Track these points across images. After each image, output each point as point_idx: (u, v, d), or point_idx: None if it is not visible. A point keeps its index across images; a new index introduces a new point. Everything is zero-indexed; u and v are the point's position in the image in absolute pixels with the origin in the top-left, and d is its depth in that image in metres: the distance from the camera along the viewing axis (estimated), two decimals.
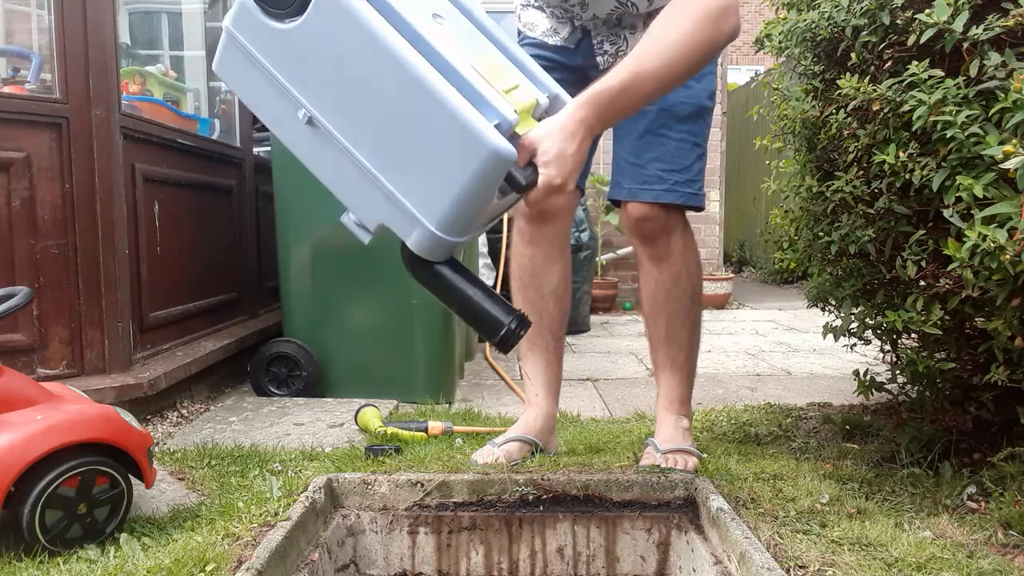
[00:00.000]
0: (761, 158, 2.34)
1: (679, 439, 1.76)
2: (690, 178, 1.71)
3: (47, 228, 1.97)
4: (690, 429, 1.82)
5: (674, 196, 1.69)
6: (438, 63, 1.12)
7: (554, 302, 1.84)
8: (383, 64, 1.10)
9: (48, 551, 1.27)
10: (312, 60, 1.14)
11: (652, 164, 1.70)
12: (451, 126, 1.10)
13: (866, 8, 1.56)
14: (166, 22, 3.73)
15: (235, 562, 1.22)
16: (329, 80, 1.15)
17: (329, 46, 1.12)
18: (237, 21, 1.16)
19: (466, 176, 1.12)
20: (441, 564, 1.63)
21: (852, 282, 1.72)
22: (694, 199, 1.72)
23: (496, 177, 1.15)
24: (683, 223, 1.74)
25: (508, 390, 2.63)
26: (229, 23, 1.17)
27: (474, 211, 1.19)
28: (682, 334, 1.79)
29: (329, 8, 1.10)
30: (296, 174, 2.37)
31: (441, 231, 1.17)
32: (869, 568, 1.21)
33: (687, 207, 1.72)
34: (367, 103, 1.14)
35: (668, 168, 1.70)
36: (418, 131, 1.13)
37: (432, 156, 1.14)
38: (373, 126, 1.15)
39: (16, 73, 2.33)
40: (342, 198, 1.23)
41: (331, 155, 1.18)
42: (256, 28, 1.15)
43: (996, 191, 1.28)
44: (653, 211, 1.69)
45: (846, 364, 3.06)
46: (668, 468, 1.64)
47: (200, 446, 1.91)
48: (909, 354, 1.62)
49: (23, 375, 1.40)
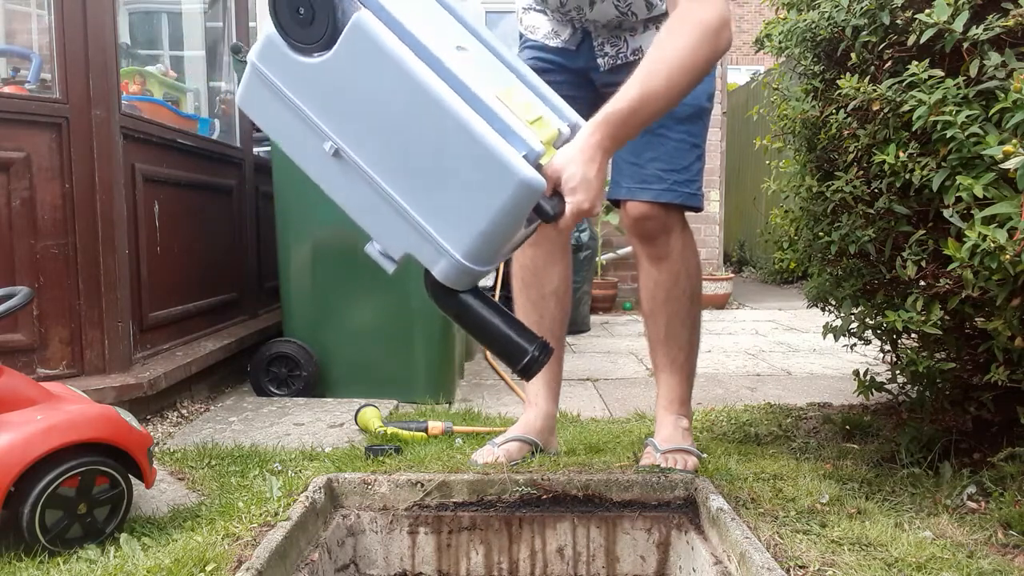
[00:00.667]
0: (761, 158, 2.34)
1: (679, 439, 1.76)
2: (689, 178, 1.71)
3: (47, 228, 1.97)
4: (690, 429, 1.83)
5: (673, 196, 1.69)
6: (465, 95, 1.12)
7: (555, 302, 1.84)
8: (412, 96, 1.11)
9: (48, 551, 1.27)
10: (340, 93, 1.15)
11: (651, 164, 1.70)
12: (481, 157, 1.11)
13: (866, 8, 1.56)
14: (166, 22, 3.74)
15: (235, 562, 1.22)
16: (357, 113, 1.15)
17: (357, 80, 1.13)
18: (263, 55, 1.17)
19: (497, 206, 1.13)
20: (441, 564, 1.63)
21: (852, 282, 1.72)
22: (693, 199, 1.72)
23: (526, 207, 1.16)
24: (682, 223, 1.75)
25: (508, 390, 2.63)
26: (255, 57, 1.18)
27: (502, 241, 1.20)
28: (681, 334, 1.79)
29: (358, 42, 1.11)
30: (296, 174, 2.37)
31: (468, 260, 1.17)
32: (869, 568, 1.21)
33: (686, 207, 1.72)
34: (396, 135, 1.15)
35: (667, 168, 1.70)
36: (447, 162, 1.14)
37: (461, 187, 1.14)
38: (402, 157, 1.16)
39: (16, 73, 2.33)
40: (367, 228, 1.24)
41: (357, 186, 1.19)
42: (282, 62, 1.16)
43: (996, 191, 1.28)
44: (652, 210, 1.70)
45: (846, 364, 3.06)
46: (668, 468, 1.64)
47: (200, 446, 1.91)
48: (909, 354, 1.62)
49: (23, 375, 1.40)
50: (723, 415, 2.20)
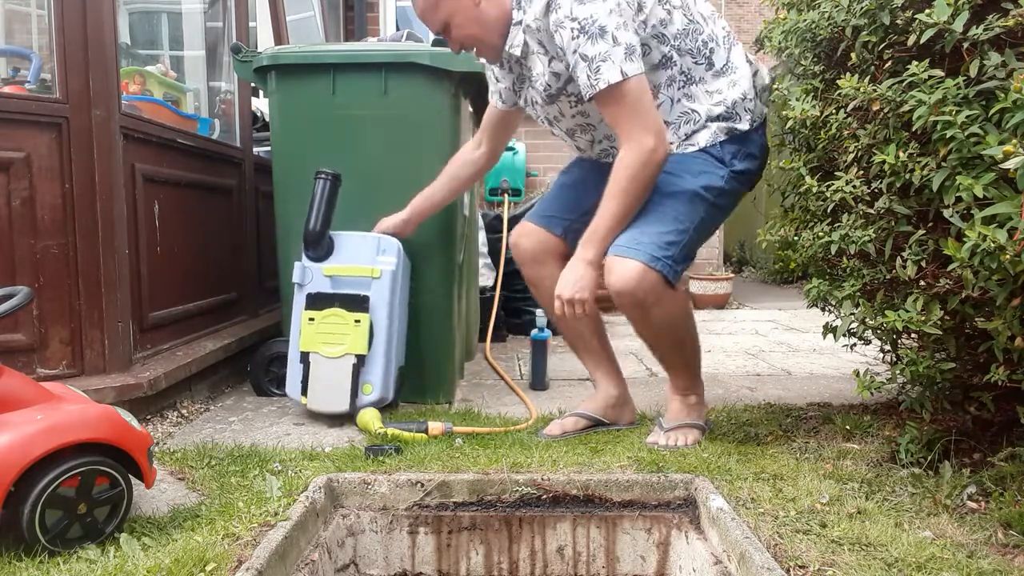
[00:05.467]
0: None
1: (683, 415, 1.93)
2: (658, 242, 1.73)
3: (47, 228, 1.97)
4: (700, 403, 1.98)
5: (634, 253, 1.72)
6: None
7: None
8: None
9: (48, 551, 1.27)
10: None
11: (627, 228, 1.77)
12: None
13: (866, 8, 1.56)
14: (166, 22, 3.73)
15: (235, 562, 1.22)
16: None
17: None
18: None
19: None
20: (441, 564, 1.63)
21: (852, 282, 1.72)
22: (656, 261, 1.71)
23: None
24: (654, 284, 1.73)
25: (508, 390, 2.63)
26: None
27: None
28: (678, 359, 1.95)
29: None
30: (296, 174, 2.37)
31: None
32: (869, 568, 1.21)
33: (649, 267, 1.71)
34: None
35: (638, 228, 1.76)
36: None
37: None
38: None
39: (16, 73, 2.33)
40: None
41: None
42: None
43: (996, 191, 1.28)
44: (610, 261, 1.75)
45: (846, 364, 3.06)
46: (668, 468, 1.64)
47: (200, 446, 1.91)
48: (909, 354, 1.62)
49: (23, 375, 1.40)
50: (723, 415, 2.20)
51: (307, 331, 2.17)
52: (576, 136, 1.95)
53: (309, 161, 2.33)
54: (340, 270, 2.20)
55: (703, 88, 1.81)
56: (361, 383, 2.15)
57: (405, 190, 2.24)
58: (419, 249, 2.34)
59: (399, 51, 2.33)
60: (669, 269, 1.74)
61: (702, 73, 1.81)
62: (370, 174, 2.34)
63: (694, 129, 1.82)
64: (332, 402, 2.14)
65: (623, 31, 1.65)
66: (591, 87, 1.68)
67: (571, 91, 1.81)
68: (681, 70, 1.79)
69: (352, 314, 2.14)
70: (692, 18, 1.79)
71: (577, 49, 1.67)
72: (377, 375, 2.16)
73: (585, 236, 1.78)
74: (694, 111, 1.81)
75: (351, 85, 2.34)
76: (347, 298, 2.16)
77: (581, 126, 1.91)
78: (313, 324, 2.16)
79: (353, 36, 5.78)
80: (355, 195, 2.28)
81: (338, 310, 2.15)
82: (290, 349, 2.23)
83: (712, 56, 1.81)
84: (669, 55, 1.77)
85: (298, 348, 2.18)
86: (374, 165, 2.35)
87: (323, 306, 2.16)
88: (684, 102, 1.81)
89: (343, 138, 2.36)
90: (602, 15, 1.64)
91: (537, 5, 1.73)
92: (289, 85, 2.37)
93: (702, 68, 1.81)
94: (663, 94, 1.80)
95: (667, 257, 1.73)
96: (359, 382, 2.14)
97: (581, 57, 1.67)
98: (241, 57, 2.40)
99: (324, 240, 2.20)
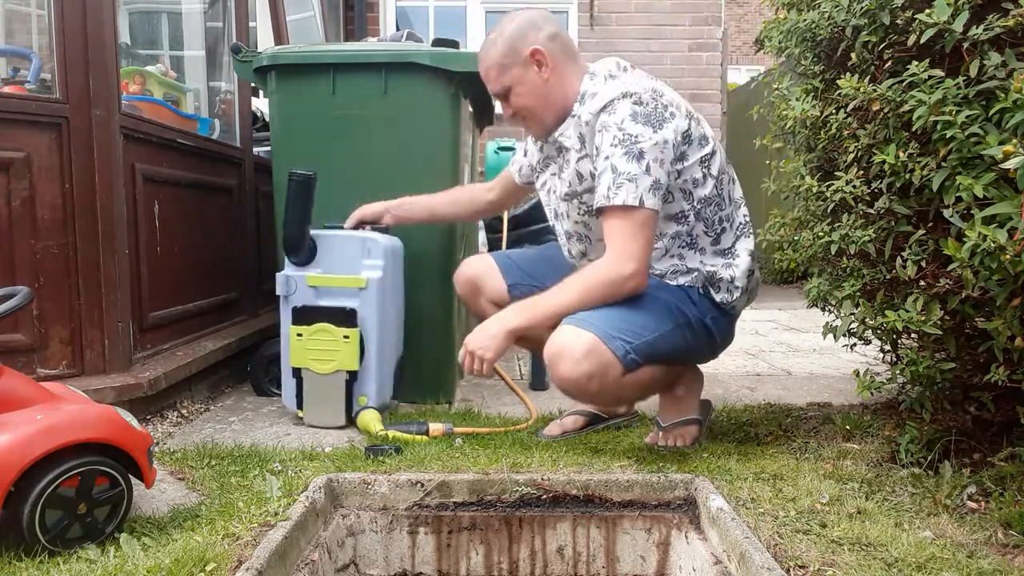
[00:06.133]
0: (761, 158, 2.33)
1: (677, 411, 1.91)
2: (618, 325, 1.67)
3: (47, 228, 1.97)
4: (689, 391, 1.94)
5: (588, 326, 1.65)
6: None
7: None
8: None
9: (48, 551, 1.27)
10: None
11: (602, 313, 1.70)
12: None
13: (866, 8, 1.56)
14: (166, 22, 3.73)
15: (235, 562, 1.22)
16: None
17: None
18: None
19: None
20: (441, 564, 1.63)
21: (852, 282, 1.72)
22: (612, 340, 1.65)
23: None
24: (603, 359, 1.65)
25: (508, 390, 2.63)
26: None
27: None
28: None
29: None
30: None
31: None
32: (869, 568, 1.21)
33: (602, 341, 1.64)
34: None
35: (597, 313, 1.69)
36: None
37: None
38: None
39: (16, 73, 2.33)
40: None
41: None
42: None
43: (996, 191, 1.28)
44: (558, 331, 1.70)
45: (846, 364, 3.06)
46: (668, 468, 1.64)
47: (200, 446, 1.91)
48: (909, 354, 1.62)
49: (23, 375, 1.40)
50: (723, 415, 2.20)
51: (296, 347, 2.08)
52: (572, 241, 1.93)
53: (309, 161, 2.32)
54: (325, 280, 2.10)
55: (699, 257, 1.80)
56: (356, 396, 2.11)
57: (405, 190, 2.24)
58: (419, 249, 2.34)
59: (399, 51, 2.34)
60: (622, 350, 1.66)
61: (706, 244, 1.80)
62: (370, 174, 2.34)
63: (679, 273, 1.81)
64: (327, 417, 2.10)
65: (657, 167, 1.67)
66: (606, 198, 1.67)
67: (586, 200, 1.81)
68: (690, 232, 1.79)
69: (340, 329, 2.05)
70: (721, 193, 1.79)
71: (610, 156, 1.67)
72: (371, 386, 2.11)
73: (520, 303, 1.77)
74: (684, 265, 1.81)
75: (351, 85, 2.34)
76: (334, 312, 2.06)
77: (580, 235, 1.90)
78: (301, 340, 2.07)
79: (353, 36, 5.78)
80: (355, 195, 2.28)
81: (326, 326, 2.06)
82: (282, 361, 2.15)
83: (721, 236, 1.82)
84: (687, 213, 1.77)
85: (289, 363, 2.11)
86: (374, 165, 2.35)
87: (310, 321, 2.06)
88: (677, 260, 1.81)
89: (343, 138, 2.36)
90: (647, 143, 1.66)
91: (596, 101, 1.73)
92: (289, 85, 2.37)
93: (708, 240, 1.80)
94: (663, 243, 1.79)
95: (624, 339, 1.66)
96: (354, 396, 2.10)
97: (611, 167, 1.67)
98: (241, 57, 2.40)
99: (304, 244, 2.09)
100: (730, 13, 8.24)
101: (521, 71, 1.79)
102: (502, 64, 1.79)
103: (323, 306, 2.07)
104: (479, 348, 1.71)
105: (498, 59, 1.80)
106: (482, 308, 2.06)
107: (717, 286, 1.81)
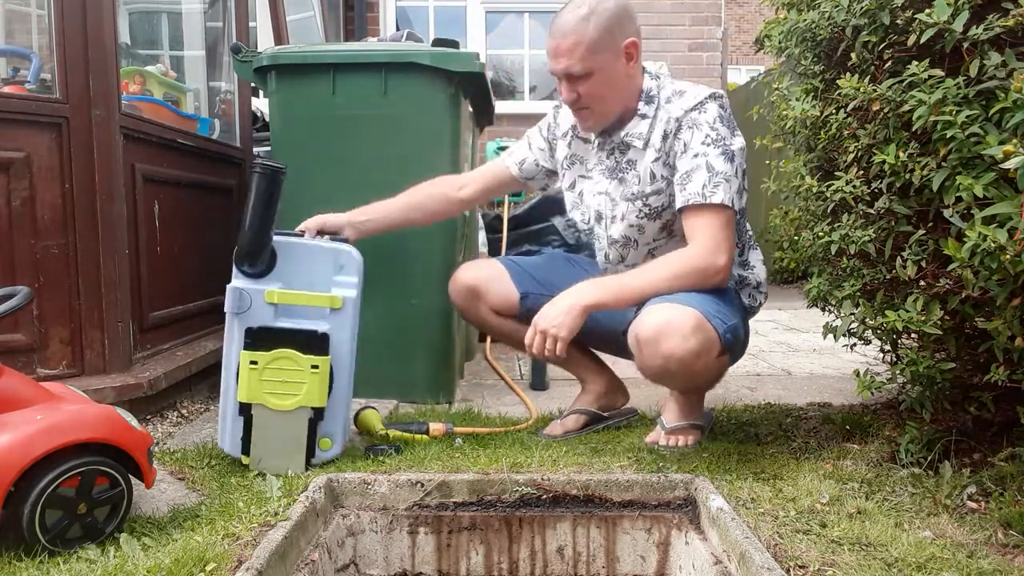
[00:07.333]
0: (761, 158, 2.33)
1: (684, 415, 1.88)
2: (712, 308, 1.67)
3: (47, 228, 1.97)
4: (700, 399, 1.93)
5: (688, 304, 1.65)
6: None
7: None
8: None
9: (48, 551, 1.27)
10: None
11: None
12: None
13: (866, 8, 1.56)
14: (166, 22, 3.73)
15: (235, 562, 1.22)
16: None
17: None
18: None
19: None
20: (441, 564, 1.63)
21: (852, 282, 1.72)
22: (712, 318, 1.65)
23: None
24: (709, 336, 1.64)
25: (508, 390, 2.63)
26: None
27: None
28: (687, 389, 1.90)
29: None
30: (295, 175, 2.37)
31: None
32: (869, 568, 1.21)
33: (706, 319, 1.65)
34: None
35: (687, 295, 1.68)
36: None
37: None
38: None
39: (16, 73, 2.32)
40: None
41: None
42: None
43: (996, 191, 1.28)
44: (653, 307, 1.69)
45: (846, 364, 3.06)
46: (668, 468, 1.64)
47: (200, 446, 1.91)
48: (909, 354, 1.62)
49: (23, 375, 1.40)
50: (723, 415, 2.20)
51: (248, 377, 1.67)
52: (615, 247, 1.87)
53: (309, 161, 2.33)
54: (289, 297, 1.72)
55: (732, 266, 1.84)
56: (319, 437, 1.74)
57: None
58: (419, 249, 2.34)
59: (399, 51, 2.34)
60: (722, 328, 1.65)
61: (735, 254, 1.83)
62: (370, 174, 2.34)
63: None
64: (282, 463, 1.69)
65: (741, 171, 1.72)
66: (701, 196, 1.66)
67: (651, 202, 1.79)
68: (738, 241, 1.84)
69: (308, 357, 1.67)
70: (745, 206, 1.84)
71: (705, 155, 1.68)
72: (338, 425, 1.76)
73: (599, 280, 1.70)
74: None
75: (351, 85, 2.34)
76: (301, 336, 1.68)
77: (628, 239, 1.85)
78: (256, 369, 1.66)
79: (353, 36, 5.78)
80: (354, 195, 2.28)
81: (289, 352, 1.66)
82: (222, 398, 1.75)
83: (744, 249, 1.90)
84: (736, 222, 1.78)
85: (235, 398, 1.70)
86: (374, 165, 2.35)
87: (269, 346, 1.66)
88: None
89: (343, 138, 2.36)
90: (736, 146, 1.71)
91: (685, 100, 1.73)
92: (289, 85, 2.37)
93: (736, 251, 1.84)
94: None
95: (721, 320, 1.66)
96: (316, 438, 1.73)
97: (707, 165, 1.67)
98: (241, 57, 2.40)
99: (265, 251, 1.72)
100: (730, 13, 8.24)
101: (611, 59, 1.69)
102: (594, 46, 1.66)
103: (286, 328, 1.69)
104: (552, 326, 1.59)
105: (593, 37, 1.64)
106: (481, 316, 2.01)
107: (747, 290, 1.89)
